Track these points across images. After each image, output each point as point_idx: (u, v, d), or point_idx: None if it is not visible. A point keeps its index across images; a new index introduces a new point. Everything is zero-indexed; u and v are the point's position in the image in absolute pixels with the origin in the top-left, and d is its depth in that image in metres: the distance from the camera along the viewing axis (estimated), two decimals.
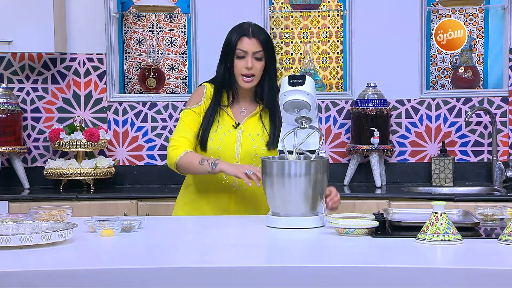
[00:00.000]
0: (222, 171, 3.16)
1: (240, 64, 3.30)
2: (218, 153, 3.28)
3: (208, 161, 3.18)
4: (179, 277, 2.21)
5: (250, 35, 3.31)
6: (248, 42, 3.30)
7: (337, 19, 5.02)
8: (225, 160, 3.24)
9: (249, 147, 3.30)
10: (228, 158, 3.28)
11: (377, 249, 2.49)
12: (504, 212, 2.87)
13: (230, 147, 3.29)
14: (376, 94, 4.77)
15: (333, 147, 4.93)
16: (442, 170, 4.81)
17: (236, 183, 3.29)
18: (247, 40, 3.30)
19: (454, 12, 5.02)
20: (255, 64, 3.30)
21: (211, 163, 3.17)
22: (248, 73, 3.30)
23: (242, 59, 3.30)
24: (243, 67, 3.30)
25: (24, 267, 2.24)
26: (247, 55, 3.30)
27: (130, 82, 5.09)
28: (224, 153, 3.28)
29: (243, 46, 3.30)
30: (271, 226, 2.85)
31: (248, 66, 3.29)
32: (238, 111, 3.38)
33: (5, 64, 4.91)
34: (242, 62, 3.30)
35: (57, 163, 4.70)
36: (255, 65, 3.30)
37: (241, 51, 3.30)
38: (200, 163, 3.20)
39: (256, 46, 3.31)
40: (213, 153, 3.28)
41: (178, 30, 5.07)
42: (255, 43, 3.31)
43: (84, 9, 4.91)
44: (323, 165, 2.87)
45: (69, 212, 2.88)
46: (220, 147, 3.29)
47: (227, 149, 3.29)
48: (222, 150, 3.28)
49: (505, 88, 4.89)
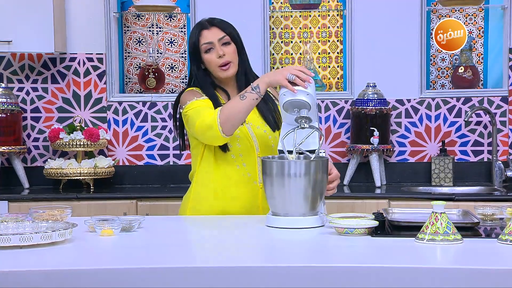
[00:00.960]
0: (269, 86, 2.98)
1: (212, 57, 3.18)
2: (239, 150, 3.17)
3: (247, 91, 2.97)
4: (179, 277, 2.21)
5: (207, 26, 3.20)
6: (208, 33, 3.19)
7: (336, 19, 5.02)
8: (246, 158, 3.15)
9: (265, 139, 3.20)
10: (249, 154, 3.18)
11: (377, 249, 2.49)
12: (504, 212, 2.87)
13: (248, 141, 3.18)
14: (376, 94, 4.77)
15: (333, 147, 4.93)
16: (442, 170, 4.81)
17: (261, 178, 3.06)
18: (207, 32, 3.19)
19: (454, 12, 5.02)
20: (225, 50, 3.17)
21: (253, 89, 2.96)
22: (223, 62, 3.17)
23: (211, 52, 3.18)
24: (215, 59, 3.17)
25: (24, 267, 2.24)
26: (213, 45, 3.17)
27: (130, 82, 5.09)
28: (244, 150, 3.17)
29: (206, 39, 3.18)
30: (271, 226, 2.85)
31: (219, 54, 3.16)
32: None
33: (5, 64, 4.91)
34: (212, 55, 3.18)
35: (57, 163, 4.70)
36: (226, 51, 3.17)
37: (207, 44, 3.18)
38: (241, 98, 2.97)
39: (218, 33, 3.19)
40: (234, 151, 3.17)
41: (178, 30, 5.08)
42: (216, 31, 3.19)
43: (84, 9, 4.91)
44: (323, 165, 2.86)
45: (69, 212, 2.88)
46: (240, 144, 3.18)
47: (246, 145, 3.18)
48: (242, 148, 3.17)
49: (505, 88, 4.89)
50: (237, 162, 3.19)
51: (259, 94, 2.97)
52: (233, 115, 2.98)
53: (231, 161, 3.19)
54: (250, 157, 3.19)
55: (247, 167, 3.20)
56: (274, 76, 2.95)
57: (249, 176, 3.20)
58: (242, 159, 3.19)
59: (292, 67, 2.94)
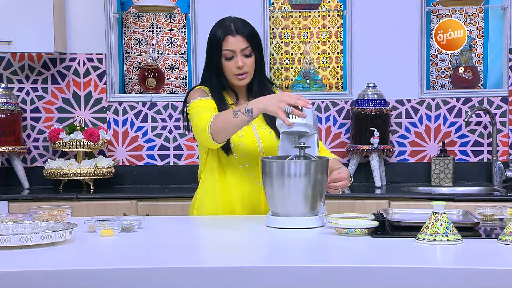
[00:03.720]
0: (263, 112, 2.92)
1: (230, 65, 3.15)
2: (241, 150, 3.14)
3: (241, 110, 2.92)
4: (179, 277, 2.21)
5: (234, 33, 3.15)
6: (233, 40, 3.14)
7: (336, 19, 5.02)
8: (249, 158, 3.13)
9: (269, 140, 3.18)
10: (252, 154, 3.16)
11: (377, 249, 2.49)
12: (504, 212, 2.87)
13: (252, 143, 3.16)
14: (375, 94, 4.77)
15: (332, 147, 4.93)
16: (442, 170, 4.81)
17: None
18: (232, 39, 3.15)
19: (454, 12, 5.02)
20: (245, 61, 3.15)
21: (246, 111, 2.91)
22: (240, 72, 3.15)
23: (231, 60, 3.15)
24: (233, 68, 3.15)
25: (24, 267, 2.24)
26: (235, 54, 3.15)
27: (130, 82, 5.09)
28: (247, 150, 3.14)
29: (229, 46, 3.14)
30: (271, 226, 2.85)
31: (239, 65, 3.14)
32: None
33: (5, 64, 4.91)
34: (231, 62, 3.15)
35: (57, 163, 4.70)
36: (246, 62, 3.15)
37: (228, 51, 3.15)
38: (234, 116, 2.93)
39: (242, 43, 3.15)
40: (237, 151, 3.14)
41: (178, 30, 5.07)
42: (241, 40, 3.15)
43: (84, 9, 4.91)
44: (323, 165, 2.87)
45: (69, 212, 2.88)
46: (242, 144, 3.15)
47: (249, 145, 3.16)
48: (245, 147, 3.15)
49: (505, 88, 4.89)
50: (240, 162, 3.18)
51: (250, 117, 2.91)
52: (224, 129, 2.97)
53: (234, 161, 3.18)
54: (253, 157, 3.17)
55: (250, 167, 3.18)
56: (270, 106, 2.87)
57: (251, 176, 3.18)
58: (244, 159, 3.17)
59: (288, 95, 2.86)
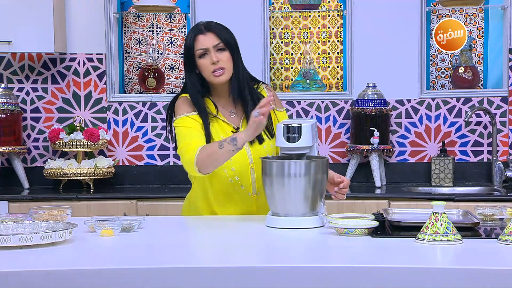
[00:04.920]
0: (246, 141, 2.98)
1: (206, 63, 3.13)
2: (230, 164, 3.11)
3: (226, 140, 2.97)
4: (179, 277, 2.21)
5: (203, 31, 3.15)
6: (204, 38, 3.14)
7: (337, 19, 5.02)
8: (239, 171, 3.12)
9: (259, 149, 3.16)
10: (243, 167, 3.13)
11: (377, 249, 2.49)
12: (504, 212, 2.87)
13: (242, 155, 3.11)
14: (375, 94, 4.77)
15: (333, 147, 4.93)
16: (442, 170, 4.81)
17: (255, 189, 3.15)
18: (202, 37, 3.14)
19: (454, 12, 5.02)
20: (219, 56, 3.12)
21: (231, 141, 2.95)
22: (216, 68, 3.12)
23: (205, 57, 3.13)
24: (209, 65, 3.12)
25: (24, 267, 2.24)
26: (208, 51, 3.13)
27: (130, 82, 5.09)
28: (237, 163, 3.12)
29: (201, 45, 3.13)
30: (271, 226, 2.85)
31: (213, 60, 3.11)
32: (228, 115, 3.20)
33: (5, 64, 4.91)
34: (206, 60, 3.13)
35: (57, 163, 4.70)
36: (220, 57, 3.13)
37: (201, 50, 3.13)
38: (220, 147, 2.97)
39: (213, 39, 3.14)
40: (226, 166, 3.09)
41: (178, 30, 5.08)
42: (211, 37, 3.14)
43: (84, 9, 4.91)
44: (323, 165, 2.87)
45: (69, 212, 2.88)
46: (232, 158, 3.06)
47: (239, 158, 3.11)
48: (235, 161, 3.10)
49: (505, 88, 4.89)
50: (229, 175, 3.14)
51: (235, 147, 2.95)
52: (210, 162, 2.99)
53: (224, 176, 3.14)
54: (243, 168, 3.14)
55: (240, 180, 3.15)
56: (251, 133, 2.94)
57: (242, 188, 3.16)
58: (234, 173, 3.14)
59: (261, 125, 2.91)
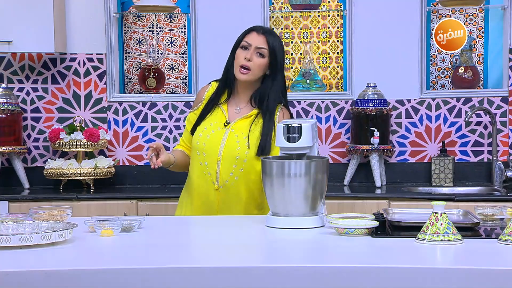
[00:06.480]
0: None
1: (241, 54, 3.28)
2: (203, 150, 3.28)
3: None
4: (179, 277, 2.21)
5: (259, 31, 3.30)
6: (255, 36, 3.29)
7: (337, 19, 5.02)
8: (208, 158, 3.28)
9: (232, 149, 3.27)
10: (211, 156, 3.28)
11: (377, 249, 2.49)
12: (504, 212, 2.87)
13: (215, 145, 3.28)
14: (376, 94, 4.77)
15: (333, 147, 4.93)
16: (442, 170, 4.81)
17: (219, 181, 3.28)
18: (255, 34, 3.29)
19: (454, 12, 5.02)
20: (255, 58, 3.26)
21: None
22: (245, 65, 3.26)
23: (244, 50, 3.28)
24: (242, 58, 3.27)
25: (24, 267, 2.24)
26: (250, 47, 3.28)
27: (130, 82, 5.09)
28: (208, 150, 3.28)
29: (249, 39, 3.29)
30: (271, 226, 2.85)
31: (247, 57, 3.26)
32: (233, 109, 3.34)
33: (5, 64, 4.91)
34: (243, 52, 3.28)
35: (57, 163, 4.70)
36: (255, 60, 3.26)
37: (246, 43, 3.29)
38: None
39: (262, 42, 3.28)
40: (199, 149, 3.30)
41: (178, 30, 5.07)
42: (262, 40, 3.28)
43: (84, 9, 4.91)
44: (323, 165, 2.87)
45: (69, 212, 2.88)
46: (205, 144, 3.28)
47: (211, 146, 3.28)
48: (207, 148, 3.28)
49: (505, 88, 4.89)
50: (201, 159, 3.30)
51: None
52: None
53: (196, 157, 3.32)
54: (211, 157, 3.28)
55: (208, 166, 3.29)
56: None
57: (209, 175, 3.29)
58: (205, 158, 3.29)
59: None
